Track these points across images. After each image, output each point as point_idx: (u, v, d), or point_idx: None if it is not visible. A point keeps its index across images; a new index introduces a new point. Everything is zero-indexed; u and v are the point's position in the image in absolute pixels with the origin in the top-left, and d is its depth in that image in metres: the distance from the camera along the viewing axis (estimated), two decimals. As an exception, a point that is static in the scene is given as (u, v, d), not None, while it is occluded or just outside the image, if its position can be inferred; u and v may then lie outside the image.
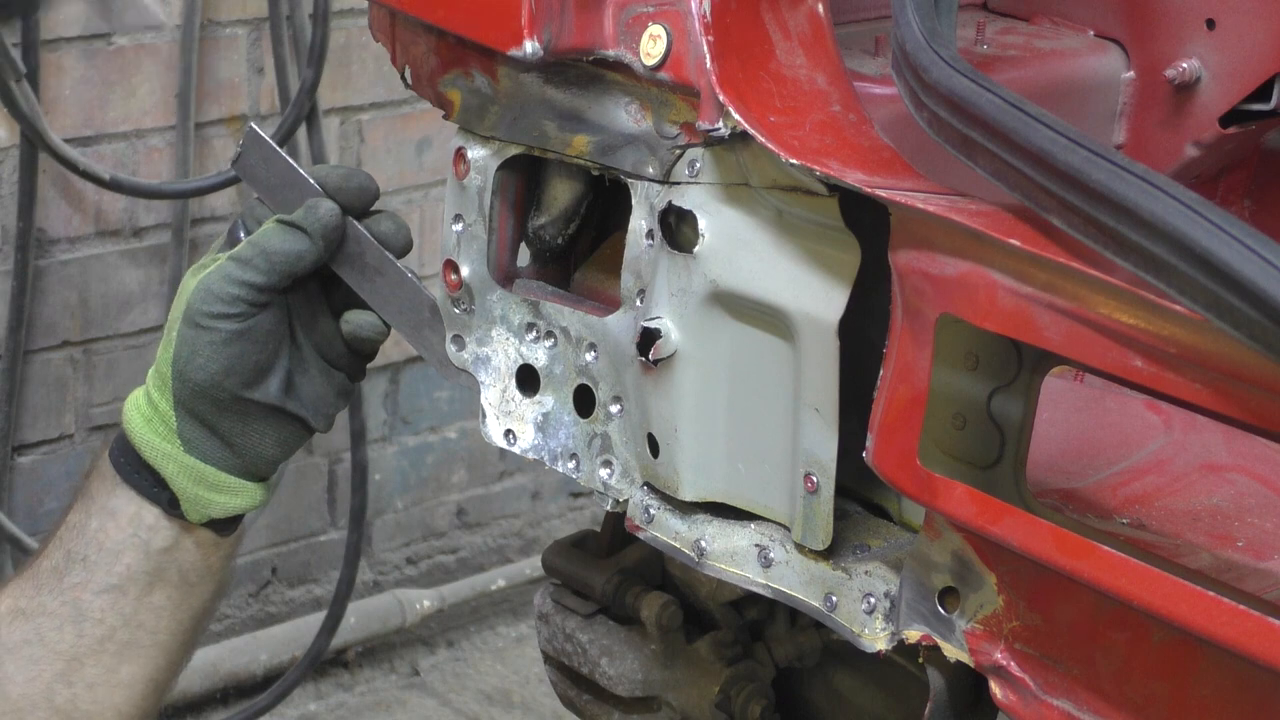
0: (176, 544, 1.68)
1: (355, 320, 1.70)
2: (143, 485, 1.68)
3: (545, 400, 1.69)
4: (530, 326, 1.69)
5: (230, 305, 1.63)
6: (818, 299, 1.47)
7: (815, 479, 1.50)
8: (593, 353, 1.64)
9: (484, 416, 1.73)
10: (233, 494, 1.68)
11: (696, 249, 1.53)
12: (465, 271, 1.70)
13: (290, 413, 1.68)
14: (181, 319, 1.64)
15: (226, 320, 1.63)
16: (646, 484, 1.62)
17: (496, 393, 1.72)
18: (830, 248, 1.48)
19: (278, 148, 1.76)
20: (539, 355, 1.69)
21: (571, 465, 1.67)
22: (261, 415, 1.67)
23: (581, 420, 1.66)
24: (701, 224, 1.52)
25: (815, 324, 1.47)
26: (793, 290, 1.49)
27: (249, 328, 1.64)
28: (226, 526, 1.71)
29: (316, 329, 1.71)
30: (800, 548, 1.54)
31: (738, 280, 1.51)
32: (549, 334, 1.68)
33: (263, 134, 1.77)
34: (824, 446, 1.49)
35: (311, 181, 1.70)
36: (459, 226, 1.70)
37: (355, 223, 1.70)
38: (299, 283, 1.67)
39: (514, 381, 1.71)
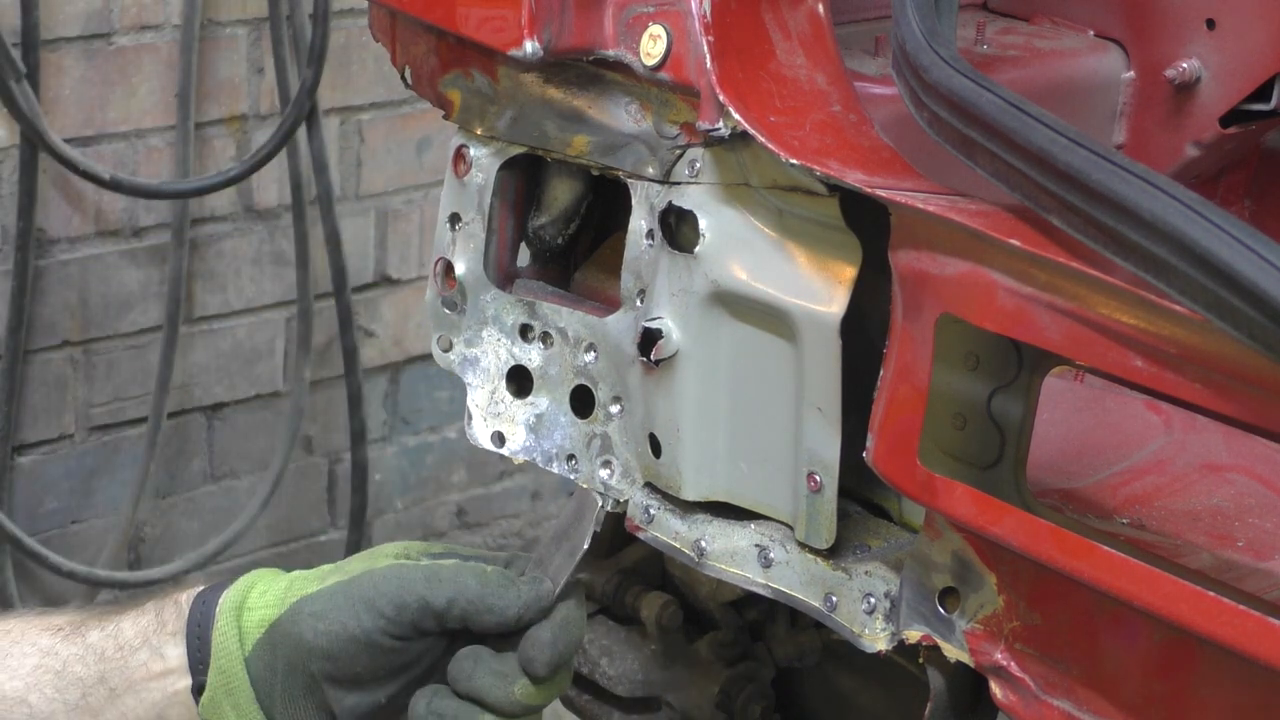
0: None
1: None
2: (194, 655, 1.56)
3: (539, 401, 1.68)
4: (525, 327, 1.69)
5: (391, 612, 1.47)
6: (819, 298, 1.47)
7: (818, 478, 1.50)
8: (592, 353, 1.64)
9: (470, 418, 1.71)
10: None
11: (697, 249, 1.53)
12: (461, 270, 1.70)
13: None
14: (348, 586, 1.49)
15: (377, 620, 1.48)
16: (648, 484, 1.62)
17: (484, 394, 1.71)
18: (831, 247, 1.48)
19: (579, 551, 1.51)
20: (533, 356, 1.68)
21: (568, 466, 1.67)
22: (316, 710, 1.52)
23: (579, 421, 1.66)
24: (702, 224, 1.52)
25: (817, 323, 1.47)
26: (794, 290, 1.49)
27: (382, 647, 1.49)
28: None
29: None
30: (801, 547, 1.54)
31: (738, 280, 1.51)
32: (545, 335, 1.67)
33: (588, 535, 1.54)
34: (827, 445, 1.49)
35: (565, 575, 1.51)
36: (457, 225, 1.70)
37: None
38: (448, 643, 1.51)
39: (504, 383, 1.70)
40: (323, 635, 1.49)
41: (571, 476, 1.67)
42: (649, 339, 1.54)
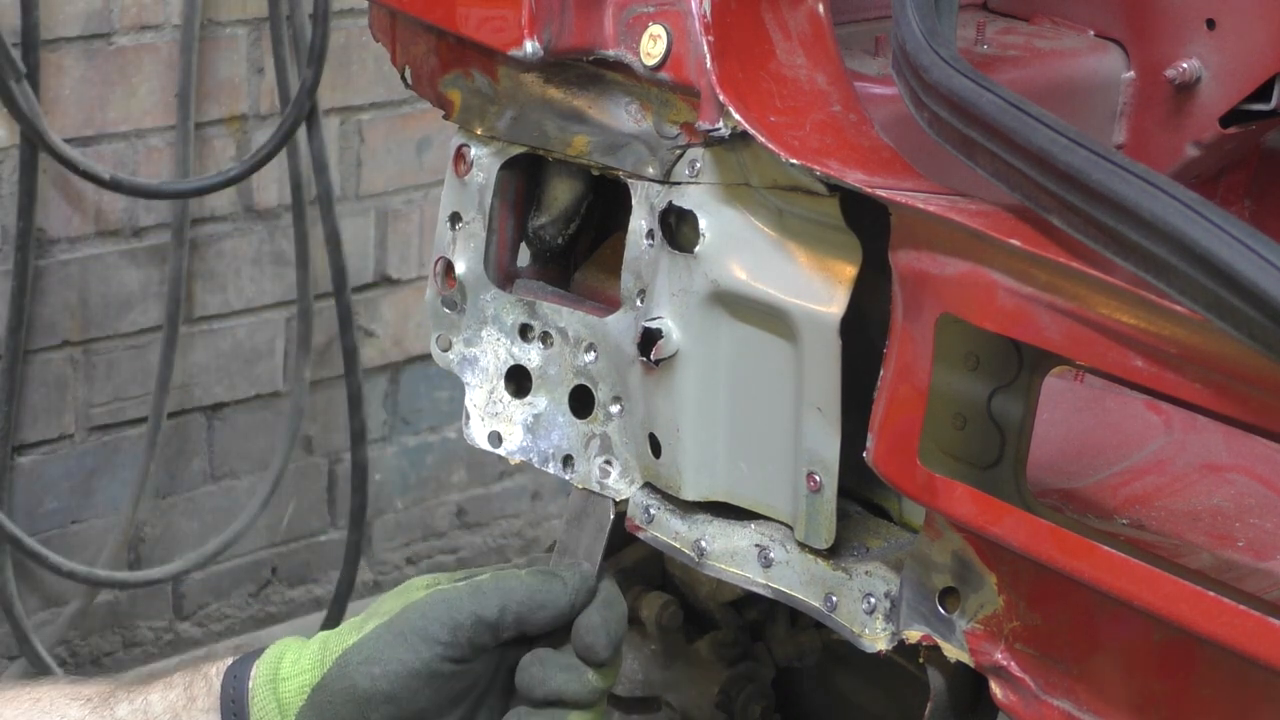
0: None
1: None
2: None
3: (537, 401, 1.68)
4: (525, 327, 1.69)
5: (446, 634, 1.47)
6: (819, 298, 1.47)
7: (818, 478, 1.50)
8: (592, 353, 1.64)
9: (467, 418, 1.71)
10: None
11: (697, 249, 1.53)
12: (461, 269, 1.70)
13: None
14: (391, 623, 1.47)
15: (433, 646, 1.47)
16: (647, 484, 1.62)
17: (483, 394, 1.71)
18: (831, 247, 1.48)
19: (604, 530, 1.60)
20: (532, 356, 1.68)
21: (565, 467, 1.67)
22: None
23: (578, 421, 1.66)
24: (702, 224, 1.52)
25: (816, 323, 1.47)
26: (794, 289, 1.49)
27: (442, 671, 1.47)
28: None
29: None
30: (801, 547, 1.54)
31: (738, 280, 1.51)
32: (545, 335, 1.67)
33: (609, 515, 1.62)
34: (827, 445, 1.49)
35: (593, 564, 1.58)
36: (457, 225, 1.70)
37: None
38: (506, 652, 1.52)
39: (503, 383, 1.70)
40: (380, 679, 1.46)
41: (566, 477, 1.67)
42: (649, 339, 1.54)
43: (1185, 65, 1.87)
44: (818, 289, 1.47)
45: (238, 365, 3.41)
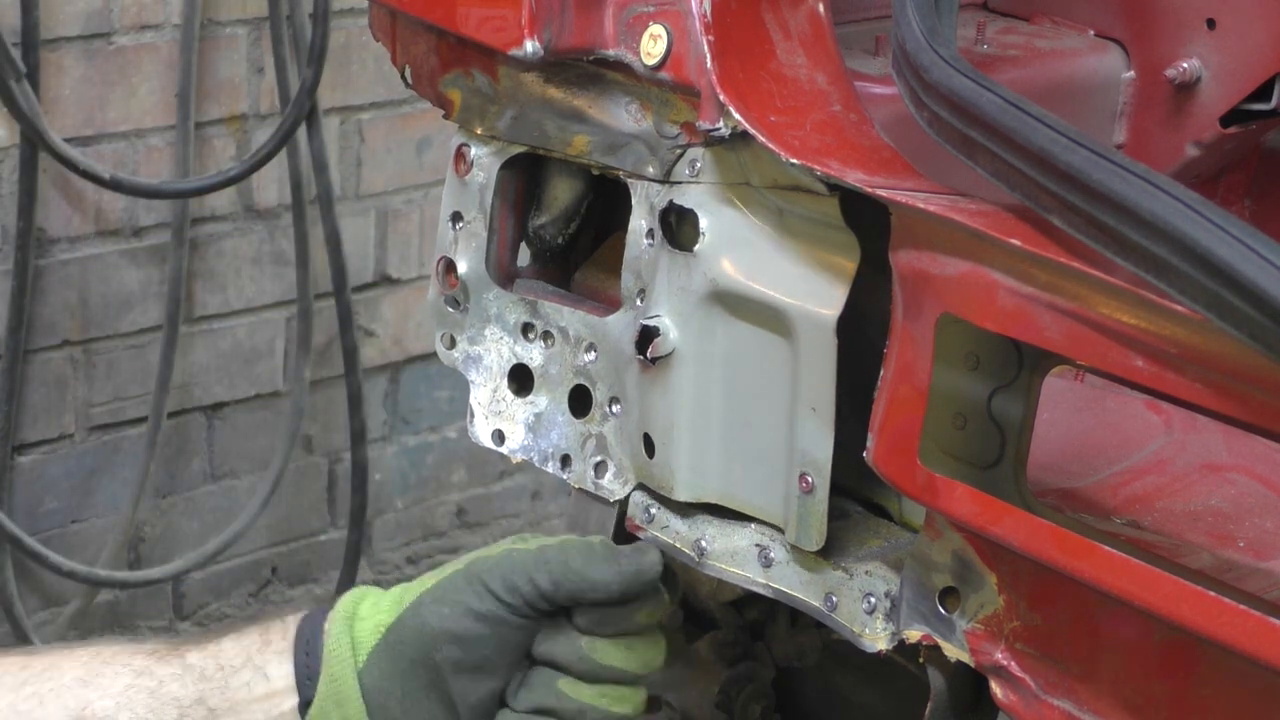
0: None
1: None
2: (301, 670, 1.56)
3: (539, 400, 1.69)
4: (527, 326, 1.69)
5: (512, 596, 1.52)
6: (817, 297, 1.47)
7: (810, 479, 1.50)
8: (592, 353, 1.64)
9: (472, 416, 1.72)
10: None
11: (697, 247, 1.53)
12: (463, 269, 1.70)
13: None
14: (467, 571, 1.53)
15: (498, 605, 1.52)
16: (641, 485, 1.62)
17: (487, 392, 1.71)
18: (830, 247, 1.48)
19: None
20: (534, 355, 1.68)
21: (563, 466, 1.67)
22: (439, 706, 1.53)
23: (576, 421, 1.66)
24: (702, 223, 1.52)
25: (813, 322, 1.47)
26: (792, 289, 1.49)
27: (506, 625, 1.53)
28: None
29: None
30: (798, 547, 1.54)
31: (737, 279, 1.51)
32: (546, 334, 1.68)
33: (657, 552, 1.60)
34: (820, 446, 1.49)
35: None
36: (458, 224, 1.70)
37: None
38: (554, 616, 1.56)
39: (506, 381, 1.70)
40: (448, 618, 1.52)
41: (564, 477, 1.67)
42: (646, 337, 1.54)
43: (1185, 65, 1.87)
44: (816, 289, 1.47)
45: (238, 365, 3.42)
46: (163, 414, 3.27)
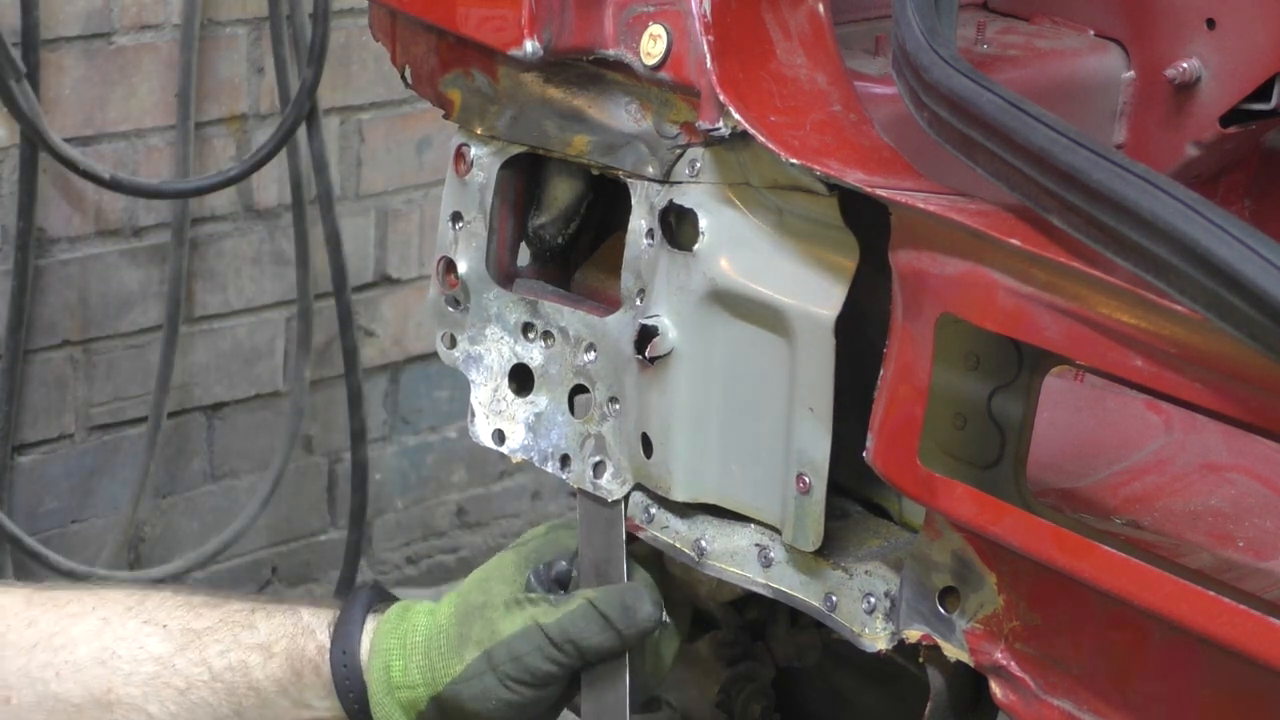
0: None
1: None
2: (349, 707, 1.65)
3: (539, 400, 1.69)
4: (527, 326, 1.69)
5: (534, 678, 1.62)
6: (816, 297, 1.47)
7: (808, 479, 1.50)
8: (592, 353, 1.64)
9: (473, 416, 1.72)
10: None
11: (696, 247, 1.53)
12: (463, 269, 1.70)
13: None
14: (487, 660, 1.62)
15: (525, 688, 1.62)
16: (639, 485, 1.62)
17: (487, 392, 1.71)
18: (829, 247, 1.48)
19: (623, 525, 1.67)
20: (534, 355, 1.68)
21: (562, 466, 1.67)
22: None
23: (575, 420, 1.66)
24: (702, 222, 1.52)
25: (812, 322, 1.47)
26: (791, 288, 1.49)
27: (539, 698, 1.64)
28: None
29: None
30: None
31: (737, 278, 1.51)
32: (546, 333, 1.68)
33: (620, 514, 1.67)
34: (817, 446, 1.49)
35: (628, 572, 1.66)
36: (458, 224, 1.70)
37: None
38: None
39: (506, 381, 1.70)
40: (494, 712, 1.62)
41: (563, 477, 1.67)
42: (645, 336, 1.54)
43: (1185, 65, 1.87)
44: (815, 288, 1.47)
45: (238, 365, 3.41)
46: (163, 414, 3.26)
